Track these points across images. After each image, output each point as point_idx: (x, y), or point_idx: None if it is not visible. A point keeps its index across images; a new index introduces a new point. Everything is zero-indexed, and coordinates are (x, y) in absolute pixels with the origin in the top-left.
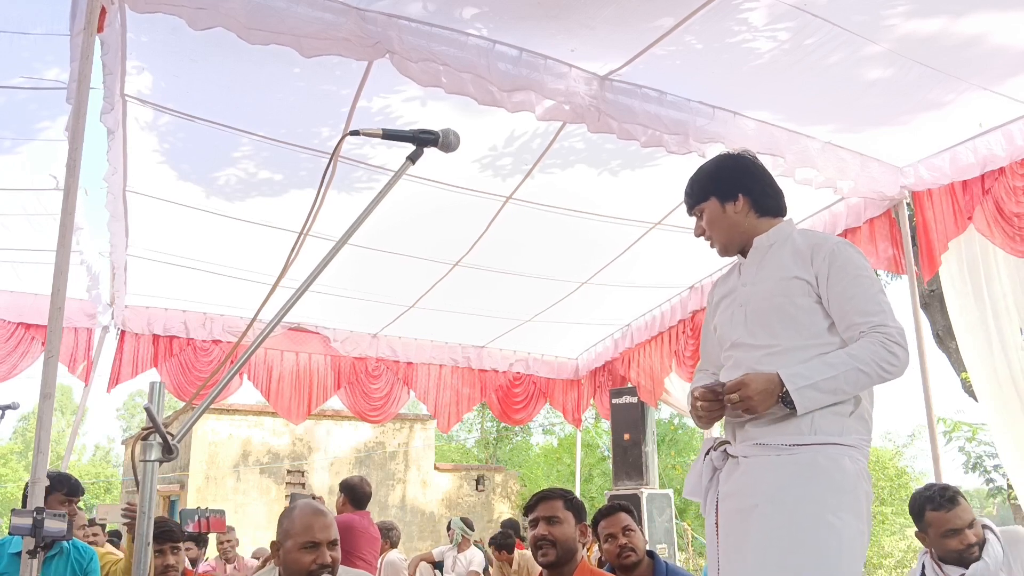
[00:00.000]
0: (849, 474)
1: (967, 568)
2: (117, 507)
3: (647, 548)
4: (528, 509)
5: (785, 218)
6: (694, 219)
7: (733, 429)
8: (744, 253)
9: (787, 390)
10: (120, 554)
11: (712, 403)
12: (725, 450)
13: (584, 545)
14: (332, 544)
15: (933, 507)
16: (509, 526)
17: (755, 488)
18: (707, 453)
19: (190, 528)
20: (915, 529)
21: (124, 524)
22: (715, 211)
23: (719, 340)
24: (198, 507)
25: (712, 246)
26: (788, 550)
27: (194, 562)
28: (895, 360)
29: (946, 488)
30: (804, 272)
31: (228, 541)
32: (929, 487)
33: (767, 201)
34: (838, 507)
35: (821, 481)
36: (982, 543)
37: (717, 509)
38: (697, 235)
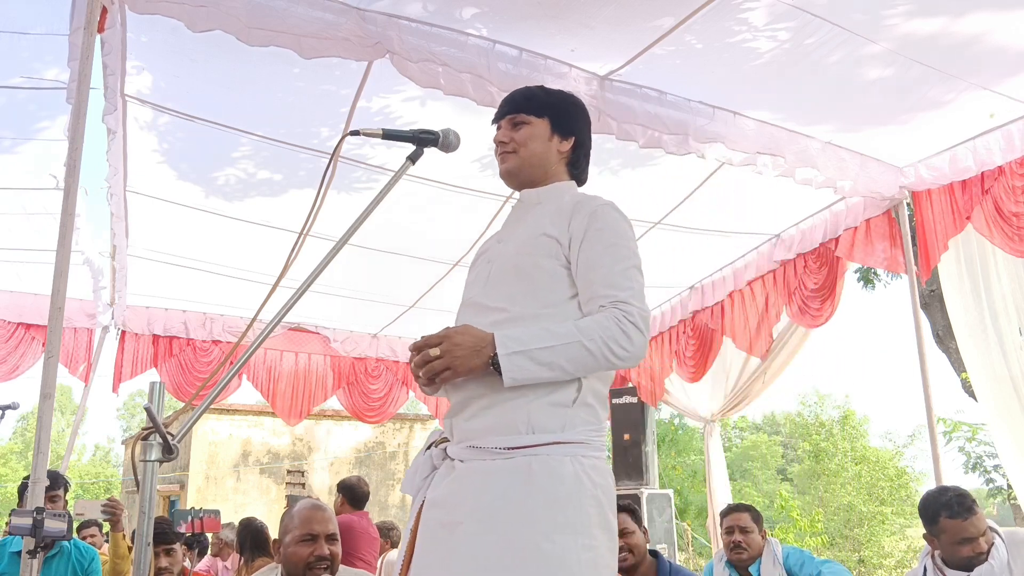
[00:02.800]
0: (567, 481)
1: (970, 571)
2: (97, 503)
3: (650, 548)
4: None
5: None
6: (500, 126)
7: (451, 425)
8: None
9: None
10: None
11: (420, 358)
12: (445, 448)
13: None
14: (330, 538)
15: (950, 515)
16: None
17: (463, 501)
18: (428, 447)
19: (183, 529)
20: (915, 529)
21: (105, 521)
22: (542, 132)
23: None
24: (191, 508)
25: (502, 163)
26: None
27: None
28: (628, 344)
29: (963, 496)
30: (557, 230)
31: (219, 539)
32: (944, 491)
33: (582, 163)
34: (553, 528)
35: (532, 496)
36: (989, 546)
37: (420, 514)
38: (498, 139)
